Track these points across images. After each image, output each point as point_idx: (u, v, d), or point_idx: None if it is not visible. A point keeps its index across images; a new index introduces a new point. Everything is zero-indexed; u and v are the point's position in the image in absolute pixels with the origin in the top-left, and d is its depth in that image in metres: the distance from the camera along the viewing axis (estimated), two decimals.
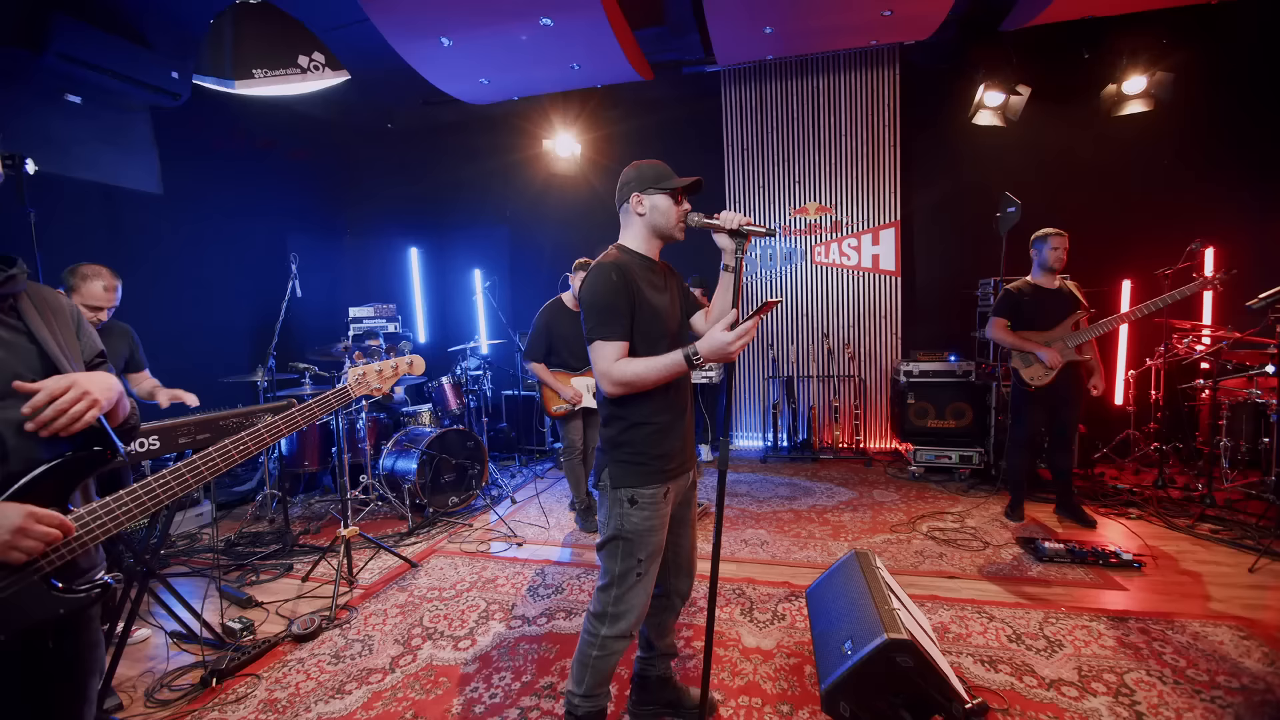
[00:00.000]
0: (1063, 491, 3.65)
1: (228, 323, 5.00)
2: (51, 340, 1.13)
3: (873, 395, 5.39)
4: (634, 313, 1.60)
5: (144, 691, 2.30)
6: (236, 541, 3.84)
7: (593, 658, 1.68)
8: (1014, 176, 4.75)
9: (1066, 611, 2.57)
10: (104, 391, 1.09)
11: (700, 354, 1.50)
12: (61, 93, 3.92)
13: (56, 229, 3.71)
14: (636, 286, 1.62)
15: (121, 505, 1.13)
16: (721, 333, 1.48)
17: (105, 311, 2.39)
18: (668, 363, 1.53)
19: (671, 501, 1.74)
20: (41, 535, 0.98)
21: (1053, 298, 3.44)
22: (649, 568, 1.68)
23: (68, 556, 1.05)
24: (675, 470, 1.72)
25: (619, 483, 1.66)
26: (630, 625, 1.68)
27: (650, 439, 1.66)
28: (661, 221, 1.69)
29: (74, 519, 1.06)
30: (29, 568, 1.00)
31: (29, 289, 1.18)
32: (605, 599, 1.68)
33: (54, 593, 1.04)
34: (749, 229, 1.55)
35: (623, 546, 1.66)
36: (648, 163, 1.72)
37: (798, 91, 5.35)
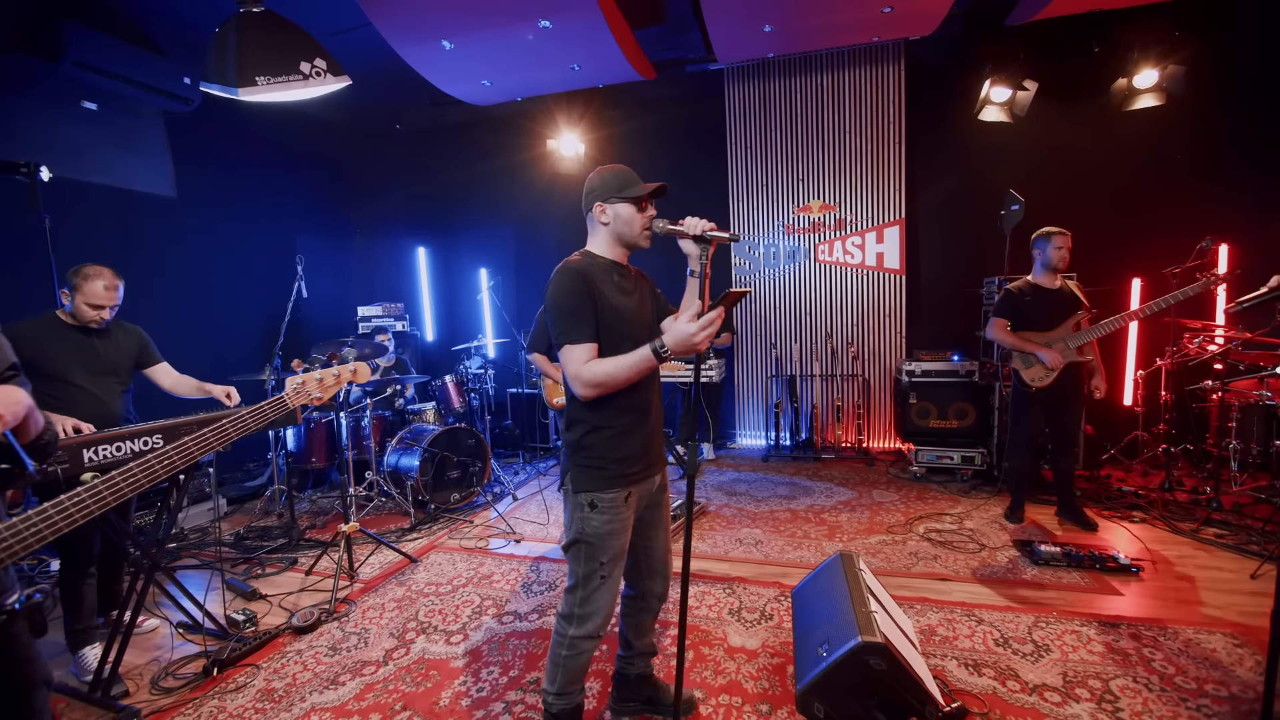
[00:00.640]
0: (1064, 494, 3.60)
1: (238, 322, 5.13)
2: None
3: (876, 394, 5.35)
4: (597, 315, 1.61)
5: (150, 679, 2.40)
6: (245, 535, 3.95)
7: (563, 657, 1.71)
8: (1020, 173, 4.68)
9: (1058, 616, 2.55)
10: (9, 406, 1.07)
11: (667, 347, 1.52)
12: (78, 100, 4.05)
13: (73, 232, 3.84)
14: (598, 289, 1.62)
15: (31, 524, 1.09)
16: (686, 324, 1.50)
17: (108, 310, 2.47)
18: (637, 358, 1.54)
19: (634, 505, 1.75)
20: None
21: (1054, 298, 3.40)
22: (612, 570, 1.70)
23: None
24: (638, 474, 1.73)
25: (579, 486, 1.67)
26: (597, 626, 1.70)
27: (611, 443, 1.66)
28: (625, 230, 1.70)
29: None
30: None
31: None
32: (572, 601, 1.71)
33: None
34: (712, 234, 1.55)
35: (585, 550, 1.68)
36: (611, 169, 1.72)
37: (801, 88, 5.31)
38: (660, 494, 1.89)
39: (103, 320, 2.48)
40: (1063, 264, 3.35)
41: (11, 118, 3.76)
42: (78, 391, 2.43)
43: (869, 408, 5.37)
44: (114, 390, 2.57)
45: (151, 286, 4.49)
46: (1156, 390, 4.25)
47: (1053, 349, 3.32)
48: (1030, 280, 3.46)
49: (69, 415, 2.32)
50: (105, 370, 2.55)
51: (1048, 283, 3.41)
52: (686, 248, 1.63)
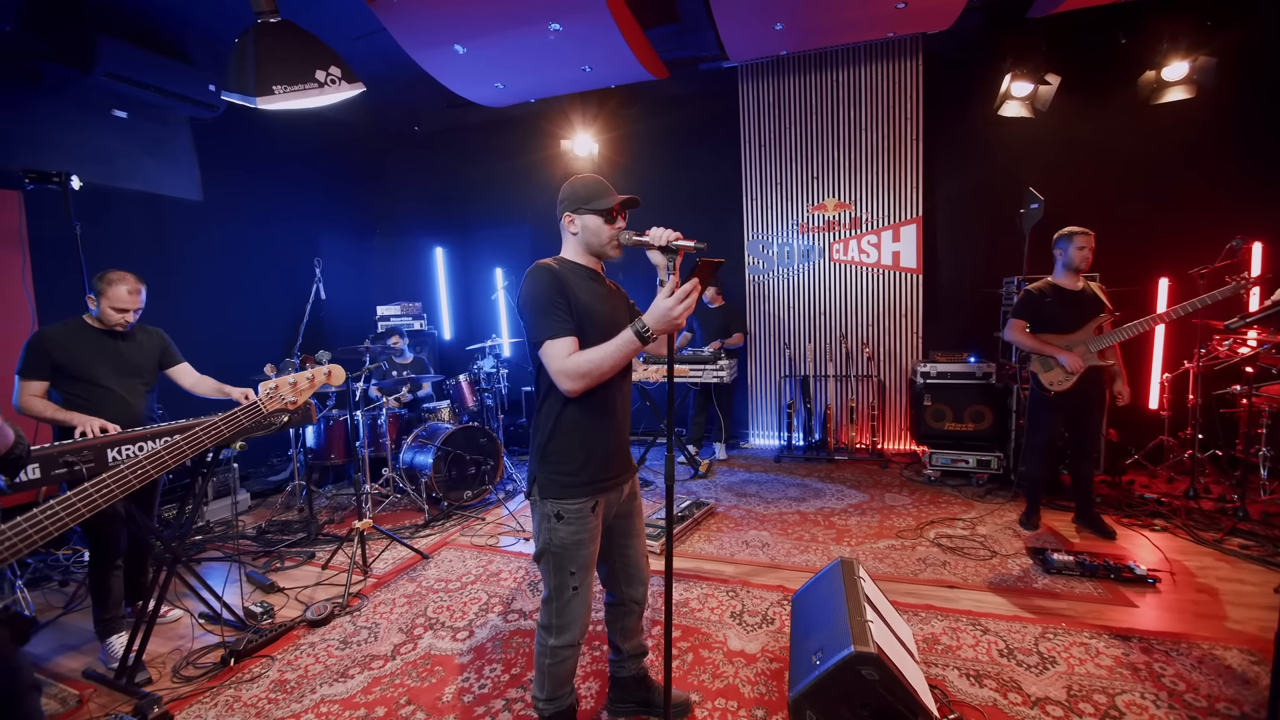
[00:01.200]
0: (1083, 500, 3.52)
1: (263, 321, 5.28)
2: None
3: (891, 396, 5.28)
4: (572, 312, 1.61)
5: (171, 668, 2.51)
6: (267, 529, 4.09)
7: (547, 665, 1.74)
8: (1042, 170, 4.56)
9: (1066, 627, 2.49)
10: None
11: (649, 326, 1.50)
12: (109, 109, 4.21)
13: (105, 237, 4.00)
14: (571, 290, 1.62)
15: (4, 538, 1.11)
16: (663, 300, 1.48)
17: (132, 313, 2.58)
18: (620, 343, 1.53)
19: (602, 514, 1.74)
20: None
21: (1075, 299, 3.30)
22: (583, 580, 1.70)
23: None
24: (605, 483, 1.72)
25: (546, 494, 1.67)
26: (575, 635, 1.72)
27: (577, 449, 1.66)
28: (593, 241, 1.71)
29: None
30: None
31: None
32: (549, 612, 1.73)
33: None
34: (678, 244, 1.53)
35: (553, 561, 1.69)
36: (582, 180, 1.72)
37: (817, 85, 5.24)
38: (631, 502, 1.88)
39: (127, 324, 2.59)
40: (1085, 265, 3.27)
41: (48, 126, 3.93)
42: (105, 392, 2.54)
43: (884, 409, 5.30)
44: (139, 391, 2.69)
45: (180, 288, 4.66)
46: (1183, 394, 4.10)
47: (1073, 352, 3.24)
48: (1051, 281, 3.37)
49: (97, 415, 2.43)
50: (130, 371, 2.66)
51: (1069, 284, 3.32)
52: (654, 258, 1.60)
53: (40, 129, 3.90)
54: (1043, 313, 3.34)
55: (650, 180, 6.01)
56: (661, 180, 5.96)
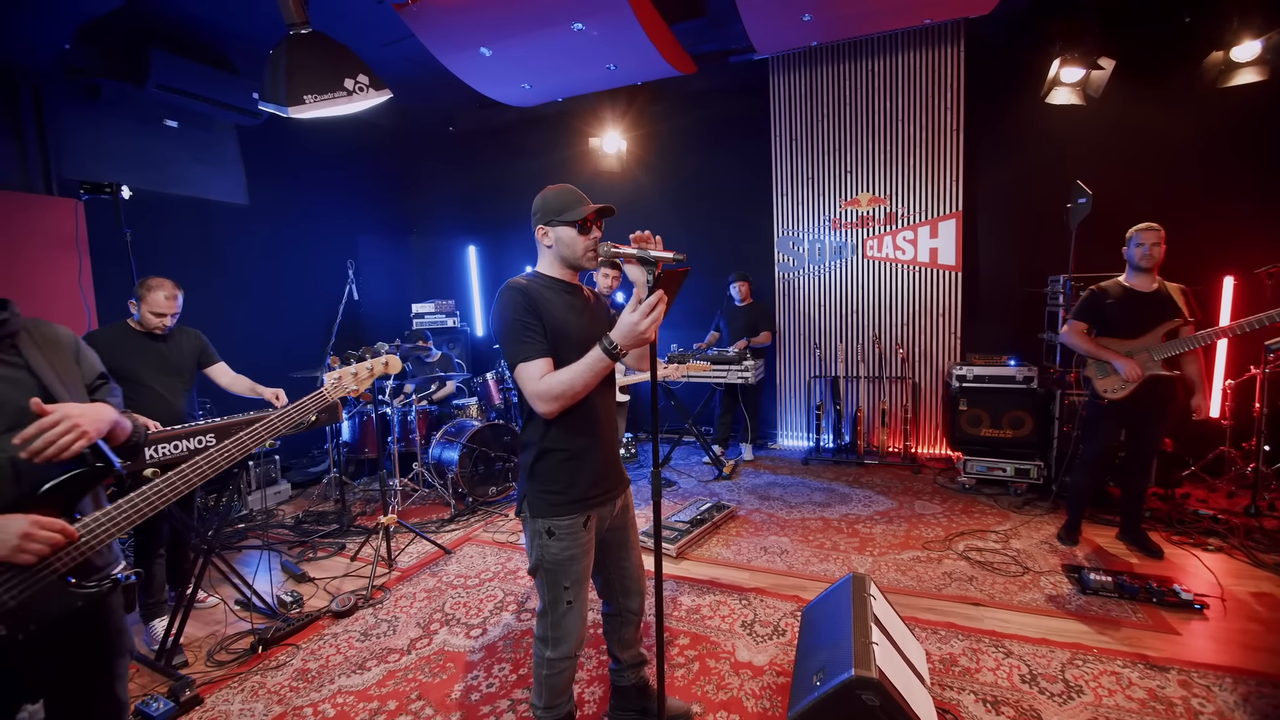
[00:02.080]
0: (1130, 515, 3.30)
1: (304, 319, 5.51)
2: (49, 371, 1.29)
3: (927, 398, 5.09)
4: (545, 331, 1.59)
5: (206, 652, 2.66)
6: (304, 519, 4.28)
7: (544, 676, 1.76)
8: (1093, 161, 4.28)
9: (1098, 654, 2.35)
10: (94, 423, 1.24)
11: (616, 342, 1.48)
12: (161, 119, 4.46)
13: (158, 240, 4.26)
14: (544, 308, 1.60)
15: (121, 511, 1.29)
16: (630, 315, 1.45)
17: (169, 317, 2.74)
18: (589, 362, 1.51)
19: (594, 529, 1.74)
20: (45, 539, 1.13)
21: (1144, 302, 3.04)
22: (577, 594, 1.70)
23: (79, 558, 1.22)
24: (595, 499, 1.71)
25: (536, 513, 1.67)
26: (571, 648, 1.72)
27: (563, 468, 1.65)
28: (567, 252, 1.68)
29: (80, 525, 1.22)
30: (44, 568, 1.17)
31: (28, 326, 1.34)
32: (544, 624, 1.73)
33: (70, 589, 1.22)
34: (655, 255, 1.50)
35: (547, 575, 1.69)
36: (555, 190, 1.69)
37: (851, 75, 5.06)
38: (624, 515, 1.87)
39: (165, 327, 2.74)
40: (1147, 263, 3.00)
41: (106, 137, 4.19)
42: (146, 392, 2.71)
43: (918, 412, 5.11)
44: (178, 390, 2.85)
45: (225, 288, 4.92)
46: (1249, 401, 3.79)
47: (1132, 359, 3.00)
48: (1121, 281, 3.13)
49: (141, 414, 2.59)
50: (171, 371, 2.82)
51: (1141, 285, 3.07)
52: (633, 274, 1.56)
53: (100, 140, 4.17)
54: (1105, 315, 3.12)
55: (678, 177, 5.95)
56: (689, 176, 5.90)
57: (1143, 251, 3.01)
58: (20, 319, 1.33)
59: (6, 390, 1.23)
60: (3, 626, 1.11)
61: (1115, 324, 3.10)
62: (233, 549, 3.79)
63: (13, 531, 1.11)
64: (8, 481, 1.19)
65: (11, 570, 1.13)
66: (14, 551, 1.11)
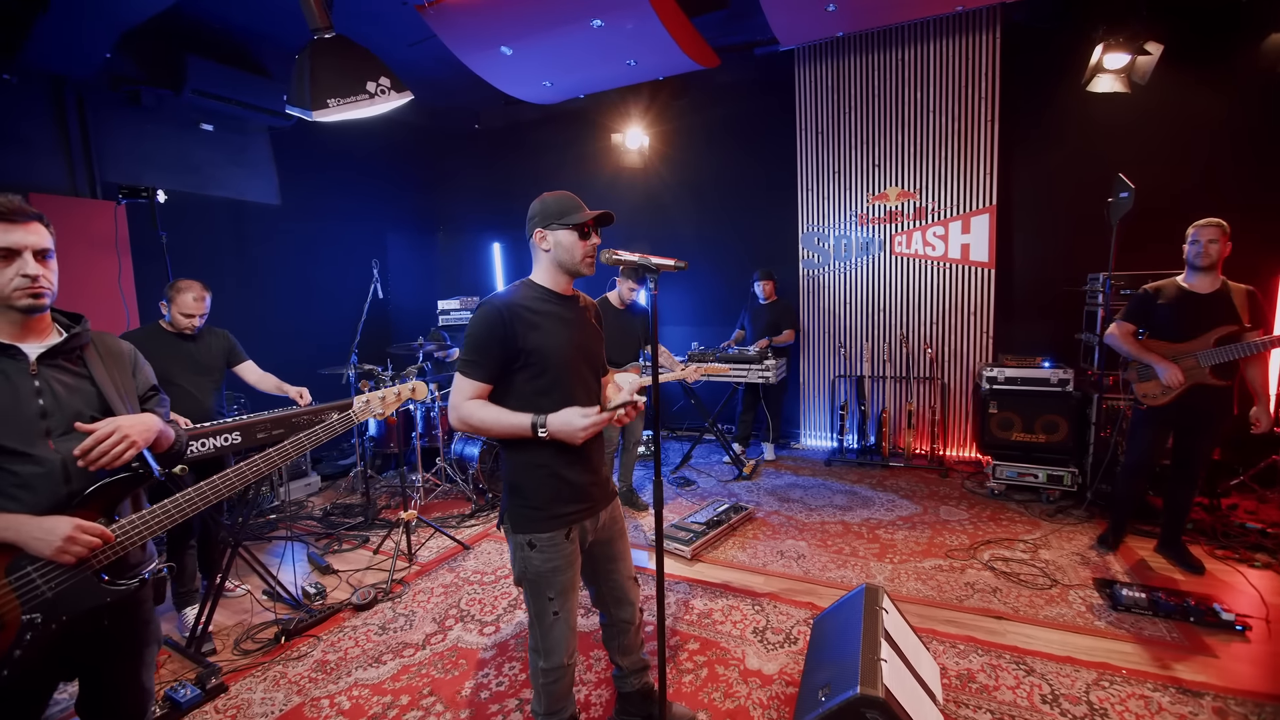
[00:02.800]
0: (1171, 528, 3.14)
1: (335, 316, 5.64)
2: (109, 383, 1.40)
3: (956, 400, 4.93)
4: (510, 356, 1.59)
5: (234, 640, 2.77)
6: (331, 511, 4.41)
7: (541, 685, 1.76)
8: (1138, 153, 4.06)
9: (1126, 675, 2.25)
10: (142, 433, 1.34)
11: (548, 428, 1.54)
12: (197, 123, 4.61)
13: (194, 240, 4.42)
14: (522, 329, 1.59)
15: (154, 516, 1.38)
16: (578, 415, 1.52)
17: (198, 318, 2.84)
18: (513, 424, 1.56)
19: (578, 539, 1.72)
20: (86, 543, 1.23)
21: (1199, 304, 2.85)
22: (563, 605, 1.69)
23: (113, 557, 1.31)
24: (577, 514, 1.70)
25: (517, 528, 1.67)
26: (562, 658, 1.72)
27: (544, 484, 1.64)
28: (565, 257, 1.66)
29: (116, 528, 1.31)
30: (82, 566, 1.26)
31: (94, 338, 1.45)
32: (535, 635, 1.73)
33: (103, 584, 1.30)
34: (657, 263, 1.48)
35: (531, 587, 1.69)
36: (554, 196, 1.68)
37: (880, 65, 4.90)
38: (612, 527, 1.85)
39: (195, 327, 2.85)
40: (1202, 261, 2.81)
41: (146, 142, 4.36)
42: (177, 390, 2.81)
43: (947, 414, 4.96)
44: (207, 388, 2.95)
45: (259, 287, 5.08)
46: None
47: (1175, 364, 2.84)
48: (1178, 281, 2.94)
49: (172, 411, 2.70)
50: (200, 370, 2.93)
51: (1199, 286, 2.88)
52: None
53: (141, 145, 4.33)
54: (1154, 316, 2.95)
55: (701, 172, 5.88)
56: (713, 172, 5.82)
57: (1197, 249, 2.83)
58: (89, 333, 1.43)
59: (69, 397, 1.33)
60: (39, 614, 1.21)
61: (1165, 326, 2.93)
62: (263, 539, 3.94)
63: (58, 534, 1.20)
64: (59, 481, 1.28)
65: (52, 564, 1.22)
66: (57, 552, 1.20)
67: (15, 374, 1.29)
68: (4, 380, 1.27)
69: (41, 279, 1.29)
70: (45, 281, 1.30)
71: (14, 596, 1.19)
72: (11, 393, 1.27)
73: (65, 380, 1.35)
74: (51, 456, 1.28)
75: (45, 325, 1.37)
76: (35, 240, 1.29)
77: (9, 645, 1.17)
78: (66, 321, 1.42)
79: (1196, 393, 2.85)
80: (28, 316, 1.31)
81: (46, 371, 1.33)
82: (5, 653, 1.16)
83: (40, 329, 1.36)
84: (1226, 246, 2.81)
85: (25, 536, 1.19)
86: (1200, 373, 2.83)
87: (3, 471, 1.23)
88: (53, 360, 1.34)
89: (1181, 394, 2.87)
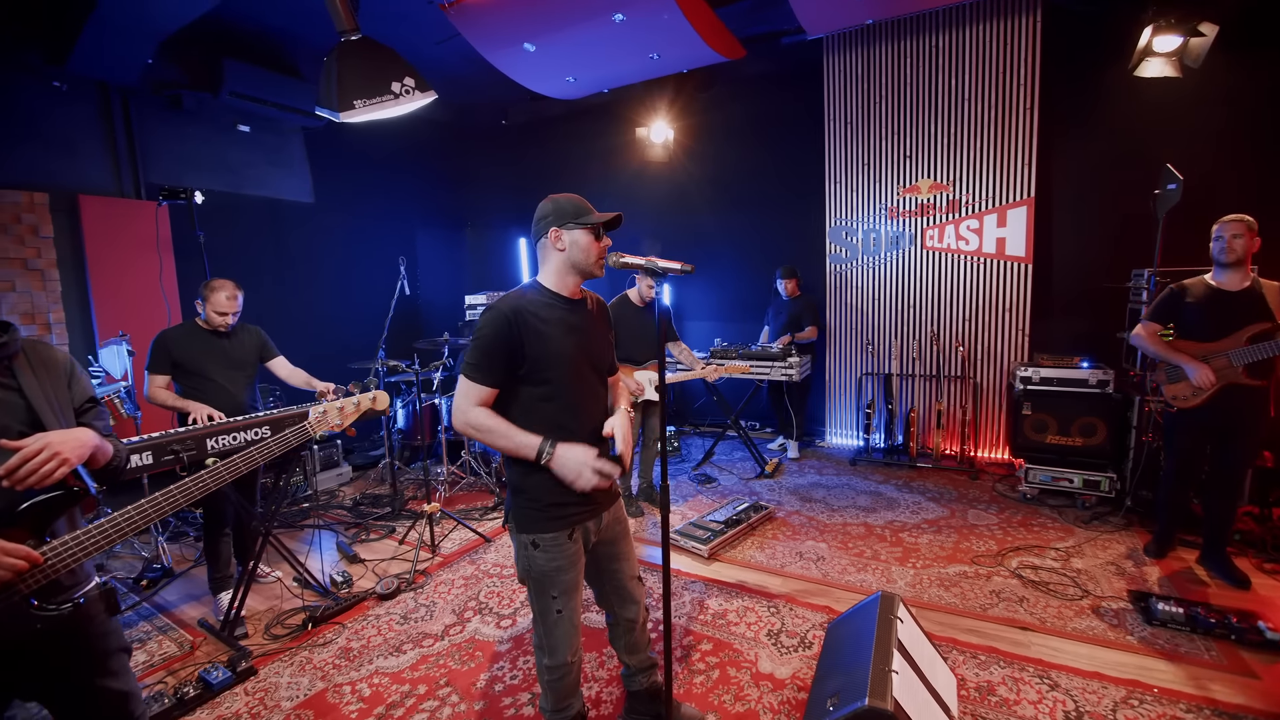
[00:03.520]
0: (1213, 539, 2.99)
1: (366, 311, 5.76)
2: (40, 396, 1.32)
3: (988, 399, 4.77)
4: (517, 363, 1.60)
5: (265, 625, 2.89)
6: (361, 501, 4.55)
7: (547, 682, 1.79)
8: (1188, 142, 3.84)
9: (1158, 694, 2.15)
10: (75, 449, 1.26)
11: (552, 461, 1.58)
12: (234, 125, 4.77)
13: (232, 238, 4.58)
14: (530, 335, 1.59)
15: (90, 536, 1.29)
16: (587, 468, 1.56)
17: (231, 316, 2.95)
18: (519, 444, 1.58)
19: (581, 539, 1.73)
20: (7, 565, 1.14)
21: (1229, 302, 2.75)
22: (566, 604, 1.70)
23: (43, 580, 1.21)
24: (579, 515, 1.71)
25: (521, 527, 1.70)
26: (565, 656, 1.73)
27: (546, 485, 1.64)
28: (580, 257, 1.66)
29: (47, 549, 1.22)
30: (6, 590, 1.16)
31: (26, 348, 1.36)
32: (539, 633, 1.76)
33: (31, 610, 1.21)
34: (664, 266, 1.48)
35: (534, 586, 1.71)
36: (565, 197, 1.68)
37: (913, 52, 4.73)
38: (615, 527, 1.85)
39: (228, 325, 2.96)
40: (1227, 257, 2.72)
41: (188, 144, 4.54)
42: (212, 385, 2.94)
43: (979, 413, 4.80)
44: (241, 383, 3.07)
45: (293, 283, 5.25)
46: None
47: (1205, 364, 2.73)
48: (1205, 279, 2.84)
49: (207, 404, 2.82)
50: (234, 366, 3.04)
51: (1228, 283, 2.77)
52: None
53: (182, 147, 4.51)
54: (1183, 316, 2.85)
55: (727, 165, 5.80)
56: (738, 165, 5.74)
57: (1221, 245, 2.73)
58: (19, 341, 1.36)
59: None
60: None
61: (1194, 326, 2.83)
62: (296, 528, 4.09)
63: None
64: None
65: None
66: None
67: None
68: None
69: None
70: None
71: None
72: None
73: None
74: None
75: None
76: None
77: None
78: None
79: (1230, 394, 2.74)
80: None
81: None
82: None
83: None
84: (1254, 242, 2.71)
85: None
86: (1233, 372, 2.71)
87: None
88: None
89: (1214, 395, 2.76)
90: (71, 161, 3.95)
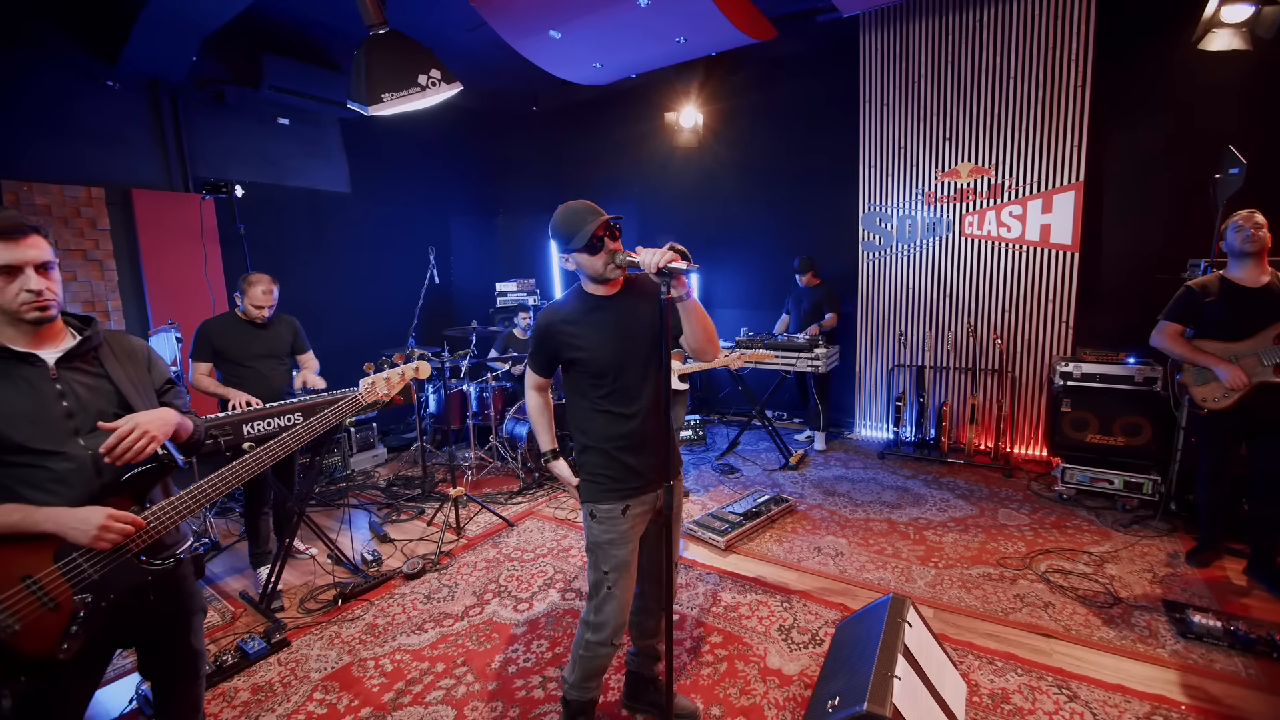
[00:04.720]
0: (1259, 548, 2.83)
1: (396, 301, 5.90)
2: (125, 381, 1.49)
3: (1027, 394, 4.57)
4: (558, 362, 1.84)
5: (299, 599, 3.06)
6: (394, 482, 4.73)
7: (581, 656, 1.87)
8: (1257, 123, 3.55)
9: (1185, 712, 2.06)
10: (161, 427, 1.43)
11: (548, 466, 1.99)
12: (275, 118, 4.93)
13: (272, 228, 4.76)
14: (563, 340, 1.78)
15: (181, 501, 1.49)
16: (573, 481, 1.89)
17: (267, 309, 3.08)
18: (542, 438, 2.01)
19: (633, 518, 1.82)
20: (119, 529, 1.34)
21: (1251, 299, 2.63)
22: (618, 581, 1.79)
23: (149, 540, 1.42)
24: (636, 489, 1.82)
25: (584, 497, 1.86)
26: (609, 634, 1.81)
27: (603, 460, 1.80)
28: (591, 273, 1.74)
29: (147, 514, 1.42)
30: (120, 551, 1.38)
31: (108, 338, 1.53)
32: (590, 607, 1.86)
33: (141, 565, 1.42)
34: (671, 267, 1.49)
35: (591, 556, 1.84)
36: (560, 218, 1.71)
37: (954, 28, 4.49)
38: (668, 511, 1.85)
39: (264, 316, 3.10)
40: (1251, 245, 2.60)
41: (229, 137, 4.72)
42: (250, 372, 3.09)
43: (1016, 409, 4.62)
44: (277, 371, 3.22)
45: (331, 271, 5.43)
46: None
47: (1236, 365, 2.61)
48: (1223, 275, 2.70)
49: (245, 391, 2.98)
50: (270, 355, 3.19)
51: (1247, 279, 2.65)
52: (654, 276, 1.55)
53: (226, 140, 4.70)
54: (1204, 315, 2.72)
55: (757, 149, 5.68)
56: (768, 149, 5.61)
57: (1245, 235, 2.60)
58: (101, 333, 1.52)
59: (90, 397, 1.43)
60: (89, 594, 1.35)
61: (1216, 325, 2.70)
62: (332, 506, 4.30)
63: (93, 523, 1.31)
64: (90, 475, 1.39)
65: (94, 551, 1.36)
66: (94, 539, 1.31)
67: (37, 380, 1.37)
68: (29, 387, 1.36)
69: (45, 292, 1.34)
70: (49, 294, 1.35)
71: (64, 580, 1.31)
72: (37, 398, 1.36)
73: (85, 381, 1.44)
74: (81, 453, 1.37)
75: (58, 331, 1.44)
76: (35, 255, 1.33)
77: (65, 622, 1.32)
78: (79, 324, 1.48)
79: (1263, 393, 2.60)
80: (37, 327, 1.38)
81: (66, 374, 1.41)
82: (63, 629, 1.32)
83: (53, 335, 1.43)
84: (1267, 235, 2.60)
85: (64, 527, 1.29)
86: (1265, 371, 2.59)
87: (40, 469, 1.33)
88: (70, 363, 1.42)
89: (1246, 396, 2.62)
90: (125, 157, 4.17)
